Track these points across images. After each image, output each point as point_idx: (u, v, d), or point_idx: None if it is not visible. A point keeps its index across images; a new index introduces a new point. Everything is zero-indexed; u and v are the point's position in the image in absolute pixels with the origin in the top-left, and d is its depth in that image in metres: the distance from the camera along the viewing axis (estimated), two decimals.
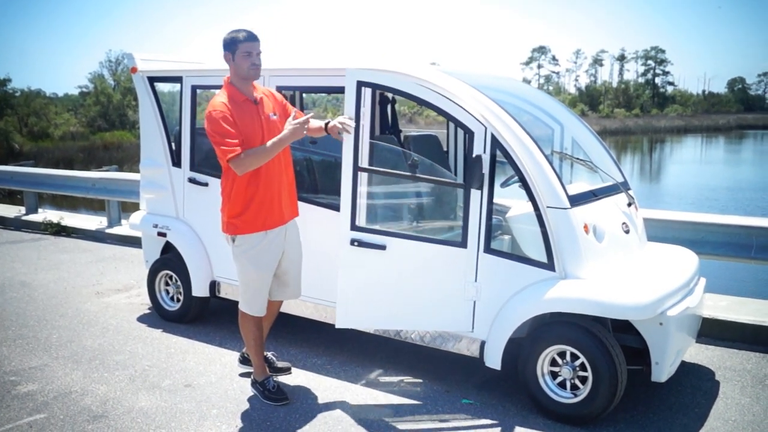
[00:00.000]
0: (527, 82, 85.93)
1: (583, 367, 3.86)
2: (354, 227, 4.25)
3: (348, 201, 4.24)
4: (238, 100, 3.93)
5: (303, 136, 3.91)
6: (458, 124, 4.20)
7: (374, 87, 4.30)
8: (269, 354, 4.70)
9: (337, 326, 4.39)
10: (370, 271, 4.29)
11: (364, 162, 4.26)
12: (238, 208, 3.97)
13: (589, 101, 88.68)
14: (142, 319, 5.95)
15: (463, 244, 4.15)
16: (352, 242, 4.25)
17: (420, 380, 4.58)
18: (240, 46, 3.88)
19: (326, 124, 4.23)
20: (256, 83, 4.14)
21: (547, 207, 3.90)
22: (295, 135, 3.84)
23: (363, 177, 4.28)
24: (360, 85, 4.20)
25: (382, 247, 4.24)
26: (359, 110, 4.21)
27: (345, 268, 4.29)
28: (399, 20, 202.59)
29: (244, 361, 4.68)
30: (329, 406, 4.19)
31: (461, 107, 4.08)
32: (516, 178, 4.05)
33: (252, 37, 3.91)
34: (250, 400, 4.28)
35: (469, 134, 4.08)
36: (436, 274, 4.25)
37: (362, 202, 4.30)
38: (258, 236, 4.01)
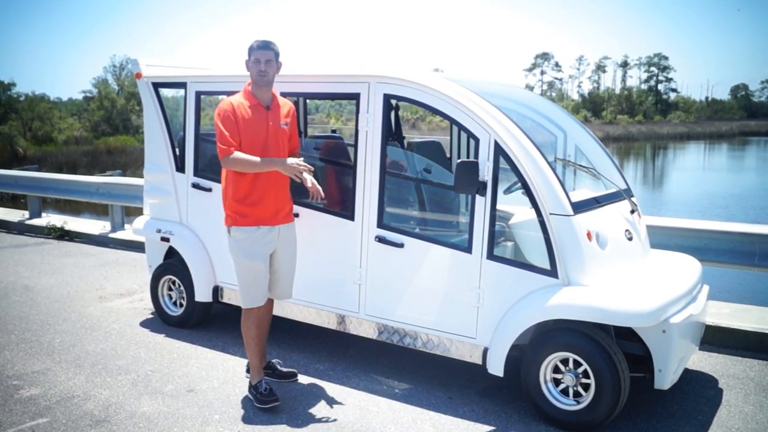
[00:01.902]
0: (530, 88, 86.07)
1: (585, 375, 3.86)
2: (380, 225, 4.49)
3: (375, 201, 4.49)
4: (249, 103, 4.18)
5: (290, 175, 4.12)
6: (465, 130, 4.24)
7: (399, 99, 4.59)
8: (273, 361, 4.72)
9: (359, 315, 4.69)
10: (390, 266, 4.51)
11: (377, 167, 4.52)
12: (235, 202, 4.21)
13: (592, 108, 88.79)
14: (144, 323, 5.96)
15: (468, 249, 4.17)
16: (376, 238, 4.48)
17: (422, 387, 4.57)
18: (252, 54, 4.20)
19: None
20: (277, 93, 4.38)
21: (550, 214, 3.91)
22: (284, 168, 4.08)
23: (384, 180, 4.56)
24: (387, 98, 4.50)
25: (401, 245, 4.41)
26: (388, 121, 4.54)
27: (369, 262, 4.59)
28: (402, 25, 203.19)
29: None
30: (332, 412, 4.19)
31: (471, 118, 4.16)
32: (519, 184, 4.07)
33: (262, 46, 4.19)
34: (252, 405, 4.28)
35: (475, 141, 4.13)
36: (445, 277, 4.30)
37: (386, 203, 4.57)
38: (251, 229, 4.22)
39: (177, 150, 5.70)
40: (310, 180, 4.09)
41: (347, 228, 4.65)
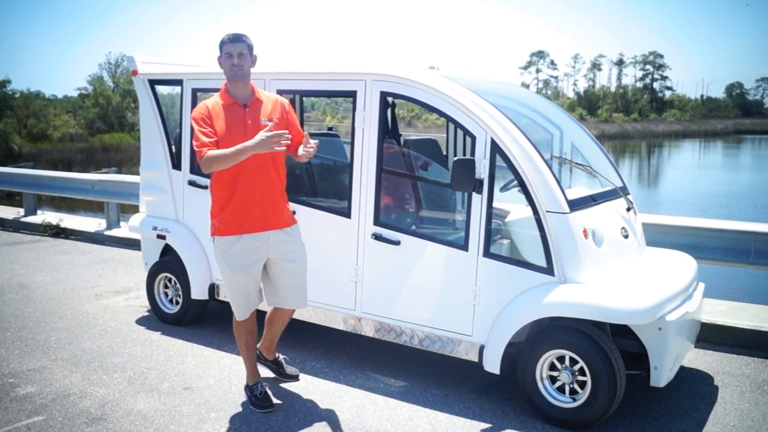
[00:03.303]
0: (526, 86, 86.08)
1: (582, 372, 3.87)
2: (376, 222, 4.49)
3: (372, 199, 4.49)
4: (225, 103, 3.97)
5: (269, 150, 3.65)
6: (462, 128, 4.24)
7: (395, 97, 4.58)
8: (281, 357, 4.72)
9: (356, 313, 4.68)
10: (387, 264, 4.51)
11: (373, 165, 4.51)
12: (216, 210, 4.03)
13: (587, 106, 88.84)
14: (140, 321, 5.95)
15: (464, 247, 4.18)
16: (373, 236, 4.48)
17: (419, 384, 4.58)
18: (223, 48, 3.96)
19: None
20: (260, 89, 4.15)
21: (547, 211, 3.91)
22: (259, 147, 3.63)
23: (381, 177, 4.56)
24: (384, 95, 4.49)
25: (397, 243, 4.41)
26: (384, 118, 4.53)
27: (366, 259, 4.58)
28: (397, 23, 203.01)
29: (263, 361, 4.67)
30: (328, 410, 4.19)
31: (468, 115, 4.15)
32: (515, 182, 4.07)
33: (233, 39, 3.94)
34: (248, 403, 4.28)
35: (472, 138, 4.14)
36: (442, 275, 4.30)
37: (383, 200, 4.55)
38: (233, 239, 4.00)
39: (173, 147, 5.69)
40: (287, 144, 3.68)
41: (344, 225, 4.65)
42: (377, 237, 4.51)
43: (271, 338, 4.52)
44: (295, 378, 4.68)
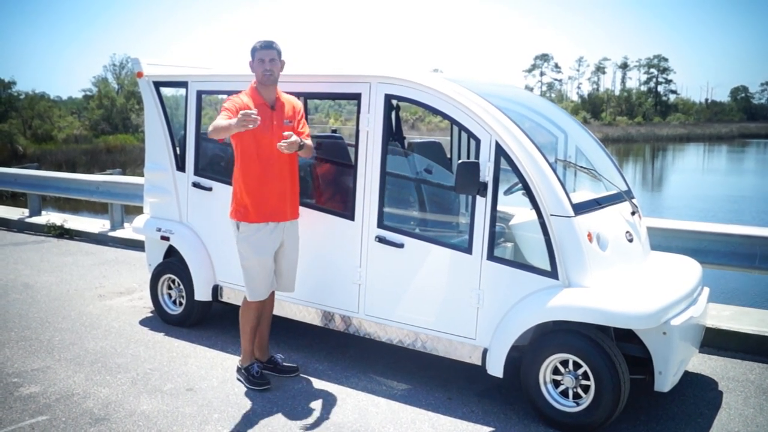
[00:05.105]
0: (530, 89, 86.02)
1: (585, 376, 3.86)
2: (380, 225, 4.51)
3: (375, 201, 4.51)
4: (255, 103, 4.28)
5: (243, 129, 3.94)
6: (466, 131, 4.24)
7: (400, 99, 4.59)
8: (276, 356, 4.81)
9: (359, 315, 4.69)
10: (390, 267, 4.52)
11: (377, 167, 4.54)
12: (247, 198, 4.33)
13: (591, 109, 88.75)
14: (144, 322, 5.95)
15: (468, 250, 4.17)
16: (377, 238, 4.50)
17: (422, 387, 4.57)
18: (255, 54, 4.32)
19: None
20: (282, 92, 4.49)
21: (551, 215, 3.91)
22: (238, 126, 3.90)
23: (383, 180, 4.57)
24: (388, 98, 4.52)
25: (401, 246, 4.42)
26: (389, 121, 4.57)
27: (369, 262, 4.60)
28: (402, 25, 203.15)
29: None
30: (330, 412, 4.19)
31: (472, 118, 4.16)
32: (520, 185, 4.06)
33: (265, 46, 4.31)
34: (251, 404, 4.28)
35: (476, 141, 4.14)
36: (445, 278, 4.30)
37: (387, 203, 4.58)
38: (260, 225, 4.36)
39: (177, 149, 5.70)
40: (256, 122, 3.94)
41: (347, 228, 4.65)
42: (381, 239, 4.51)
43: (261, 334, 4.70)
44: (295, 370, 4.74)
